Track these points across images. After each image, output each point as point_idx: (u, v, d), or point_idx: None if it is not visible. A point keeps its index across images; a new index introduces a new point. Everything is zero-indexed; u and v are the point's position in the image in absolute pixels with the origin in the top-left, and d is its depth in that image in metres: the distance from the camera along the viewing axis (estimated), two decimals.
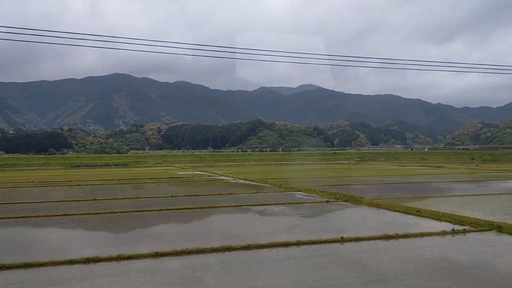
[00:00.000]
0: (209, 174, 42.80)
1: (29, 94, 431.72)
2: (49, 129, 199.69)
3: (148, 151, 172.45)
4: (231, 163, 72.97)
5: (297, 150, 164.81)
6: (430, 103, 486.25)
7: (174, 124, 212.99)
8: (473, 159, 67.87)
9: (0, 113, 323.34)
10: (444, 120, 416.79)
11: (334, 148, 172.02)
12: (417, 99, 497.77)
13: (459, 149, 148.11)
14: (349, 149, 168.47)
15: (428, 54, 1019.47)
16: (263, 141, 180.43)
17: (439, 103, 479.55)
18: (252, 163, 73.89)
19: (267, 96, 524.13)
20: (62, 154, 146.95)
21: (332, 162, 76.17)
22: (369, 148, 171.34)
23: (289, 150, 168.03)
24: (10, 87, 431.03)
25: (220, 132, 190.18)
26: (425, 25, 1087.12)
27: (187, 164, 69.54)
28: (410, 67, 39.01)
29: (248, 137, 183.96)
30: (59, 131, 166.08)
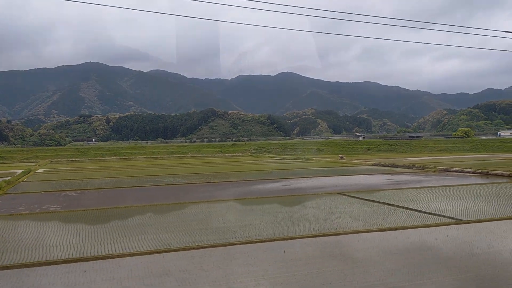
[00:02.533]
0: (21, 173, 36.90)
1: None
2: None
3: (94, 142, 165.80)
4: (114, 157, 66.77)
5: (247, 140, 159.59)
6: (408, 90, 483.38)
7: (124, 114, 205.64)
8: (368, 150, 62.58)
9: None
10: (420, 106, 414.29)
11: (286, 137, 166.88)
12: (395, 86, 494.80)
13: (409, 137, 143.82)
14: (299, 138, 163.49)
15: (408, 40, 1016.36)
16: (214, 131, 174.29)
17: (417, 90, 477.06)
18: (139, 156, 67.75)
19: (245, 85, 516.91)
20: None
21: (227, 154, 70.42)
22: (303, 137, 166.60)
23: (239, 140, 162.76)
24: None
25: (171, 122, 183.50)
26: (403, 10, 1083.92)
27: (60, 160, 63.12)
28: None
29: (199, 127, 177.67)
30: None
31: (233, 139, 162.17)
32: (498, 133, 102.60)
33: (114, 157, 66.68)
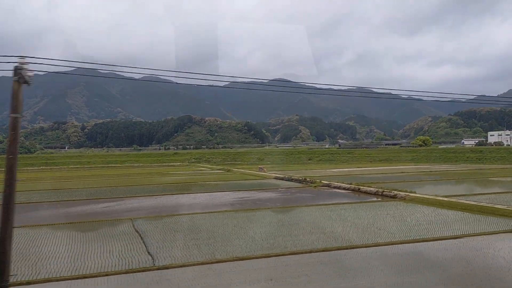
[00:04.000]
0: None
1: None
2: None
3: (67, 149, 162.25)
4: (43, 167, 63.18)
5: (222, 147, 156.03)
6: (400, 96, 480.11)
7: (101, 121, 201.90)
8: (309, 160, 59.06)
9: None
10: (411, 114, 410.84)
11: (262, 145, 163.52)
12: (387, 92, 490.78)
13: (385, 145, 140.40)
14: (273, 145, 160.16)
15: (400, 46, 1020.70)
16: (190, 138, 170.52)
17: (409, 97, 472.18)
18: (71, 166, 64.11)
19: (237, 91, 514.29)
20: None
21: (165, 164, 66.83)
22: (276, 145, 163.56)
23: (213, 147, 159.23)
24: None
25: (147, 129, 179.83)
26: (393, 16, 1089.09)
27: None
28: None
29: (175, 134, 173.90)
30: None
31: (209, 146, 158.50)
32: (462, 141, 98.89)
33: (43, 167, 63.03)
